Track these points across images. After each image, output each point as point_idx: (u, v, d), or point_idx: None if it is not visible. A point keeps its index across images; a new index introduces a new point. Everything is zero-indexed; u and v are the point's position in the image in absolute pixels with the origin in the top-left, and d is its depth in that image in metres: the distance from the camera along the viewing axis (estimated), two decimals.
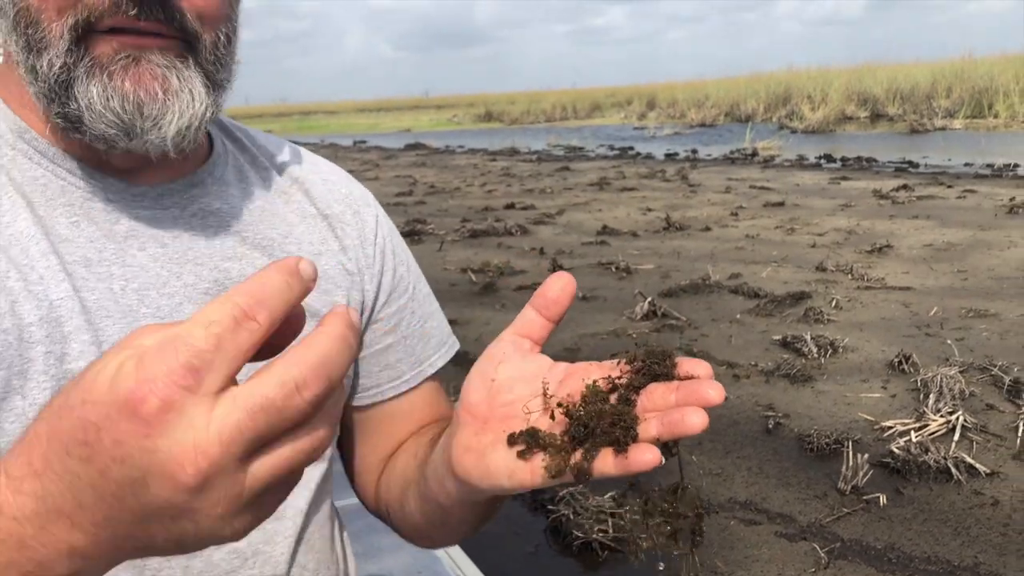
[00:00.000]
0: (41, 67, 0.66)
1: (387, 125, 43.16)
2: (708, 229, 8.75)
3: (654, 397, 0.59)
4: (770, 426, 3.71)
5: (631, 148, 20.89)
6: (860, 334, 4.92)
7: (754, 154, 17.16)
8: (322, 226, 0.87)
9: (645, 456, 0.57)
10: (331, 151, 25.54)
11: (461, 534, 0.84)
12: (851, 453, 3.19)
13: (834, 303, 5.56)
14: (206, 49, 0.70)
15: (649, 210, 10.26)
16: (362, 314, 0.87)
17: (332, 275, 0.85)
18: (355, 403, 0.90)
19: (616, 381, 0.62)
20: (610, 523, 2.90)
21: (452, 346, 0.96)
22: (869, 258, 6.94)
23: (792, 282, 6.23)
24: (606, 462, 0.58)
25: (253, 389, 0.41)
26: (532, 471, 0.61)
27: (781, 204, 10.14)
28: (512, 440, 0.63)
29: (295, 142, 0.95)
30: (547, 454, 0.61)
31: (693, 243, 8.06)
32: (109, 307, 0.71)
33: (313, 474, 0.84)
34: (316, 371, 0.42)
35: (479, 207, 11.29)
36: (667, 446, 0.60)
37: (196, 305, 0.75)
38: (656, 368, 0.61)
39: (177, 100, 0.67)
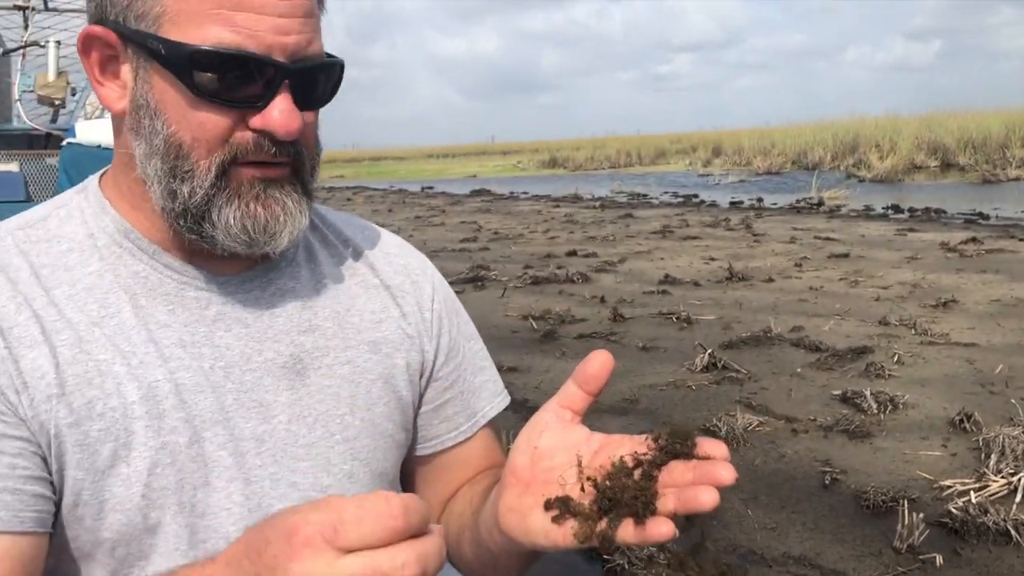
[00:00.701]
0: (183, 192, 0.79)
1: (454, 171, 43.82)
2: (771, 280, 8.75)
3: (674, 474, 0.68)
4: (827, 481, 3.72)
5: (695, 196, 20.92)
6: (922, 390, 4.89)
7: (820, 203, 17.06)
8: (384, 295, 0.97)
9: (661, 529, 0.66)
10: (399, 196, 26.05)
11: None
12: (907, 511, 3.20)
13: (896, 358, 5.53)
14: (306, 169, 0.84)
15: (712, 259, 10.29)
16: (422, 375, 0.98)
17: (393, 340, 0.95)
18: (417, 453, 1.00)
19: (641, 457, 0.70)
20: (664, 572, 2.95)
21: (504, 398, 1.05)
22: (934, 313, 6.87)
23: (854, 336, 6.21)
24: (627, 531, 0.67)
25: (373, 557, 0.58)
26: (564, 535, 0.71)
27: (846, 255, 10.08)
28: (548, 506, 0.72)
29: (366, 187, 1.07)
30: (577, 521, 0.70)
31: (755, 294, 8.07)
32: (200, 383, 0.82)
33: None
34: (420, 560, 0.59)
35: (541, 254, 11.45)
36: (687, 517, 0.67)
37: (275, 378, 0.86)
38: (678, 447, 0.69)
39: (291, 219, 0.82)
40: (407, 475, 1.03)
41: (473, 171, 41.88)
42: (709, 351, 5.62)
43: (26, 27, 5.95)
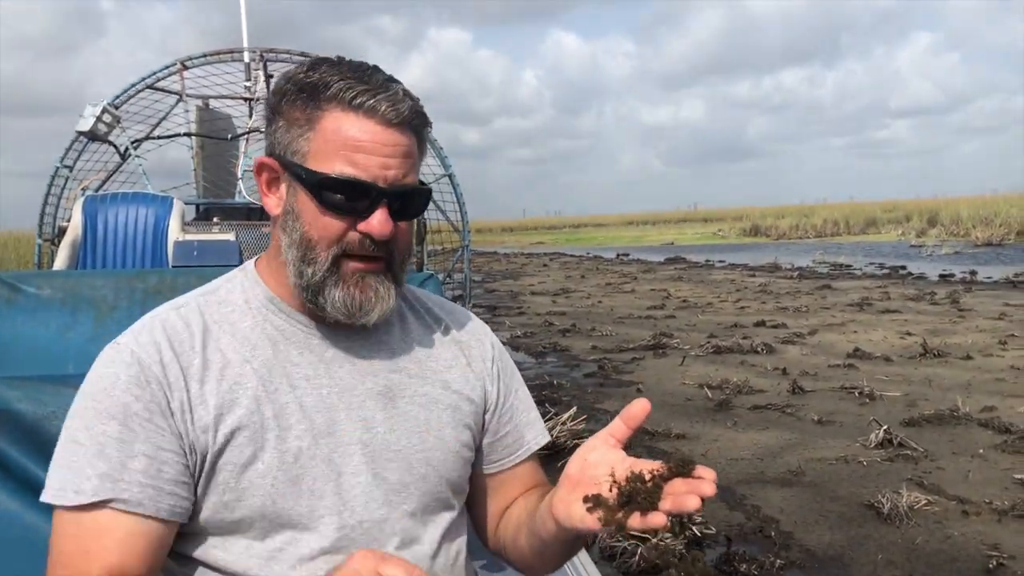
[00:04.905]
0: (306, 272, 1.11)
1: (652, 238, 43.94)
2: (969, 358, 8.32)
3: (675, 486, 0.94)
4: (991, 566, 3.60)
5: (903, 267, 20.00)
6: None
7: None
8: (455, 348, 1.28)
9: (657, 519, 0.92)
10: (594, 263, 26.49)
11: (555, 563, 1.22)
12: None
13: None
14: (396, 264, 1.16)
15: (908, 334, 9.88)
16: (486, 411, 1.27)
17: (459, 380, 1.24)
18: (484, 472, 1.29)
19: (654, 472, 0.96)
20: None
21: (546, 435, 1.35)
22: None
23: None
24: (635, 520, 0.94)
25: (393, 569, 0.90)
26: (594, 520, 0.98)
27: None
28: (585, 500, 1.00)
29: (563, 253, 1.34)
30: (603, 511, 0.97)
31: (949, 371, 7.72)
32: (318, 405, 1.13)
33: (443, 518, 1.22)
34: None
35: (728, 323, 11.40)
36: (682, 521, 0.93)
37: (374, 401, 1.16)
38: (680, 470, 0.95)
39: (381, 301, 1.13)
40: (477, 490, 1.30)
41: (671, 238, 41.87)
42: (884, 427, 5.49)
43: (250, 115, 6.85)
